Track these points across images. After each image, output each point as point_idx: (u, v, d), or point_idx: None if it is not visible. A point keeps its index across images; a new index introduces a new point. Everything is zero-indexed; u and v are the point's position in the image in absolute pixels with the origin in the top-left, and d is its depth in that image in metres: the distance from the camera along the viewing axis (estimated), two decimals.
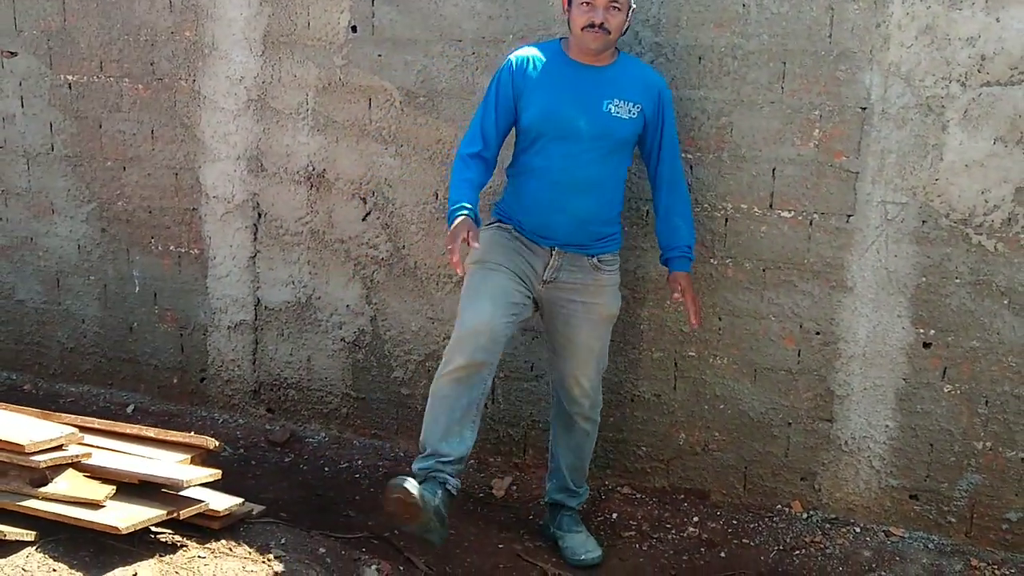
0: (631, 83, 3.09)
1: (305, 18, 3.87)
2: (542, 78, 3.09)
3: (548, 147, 3.09)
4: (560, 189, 3.09)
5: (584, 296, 3.17)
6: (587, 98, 3.05)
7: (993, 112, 3.04)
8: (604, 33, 2.98)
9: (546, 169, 3.10)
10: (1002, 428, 3.22)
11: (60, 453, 2.76)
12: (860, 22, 3.14)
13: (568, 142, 3.06)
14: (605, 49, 3.05)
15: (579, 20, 2.99)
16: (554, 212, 3.11)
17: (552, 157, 3.09)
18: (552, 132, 3.08)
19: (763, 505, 3.56)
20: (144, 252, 4.41)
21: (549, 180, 3.11)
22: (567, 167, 3.08)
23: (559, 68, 3.10)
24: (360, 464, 3.94)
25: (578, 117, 3.05)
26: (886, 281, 3.26)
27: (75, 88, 4.38)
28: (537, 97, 3.08)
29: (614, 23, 2.99)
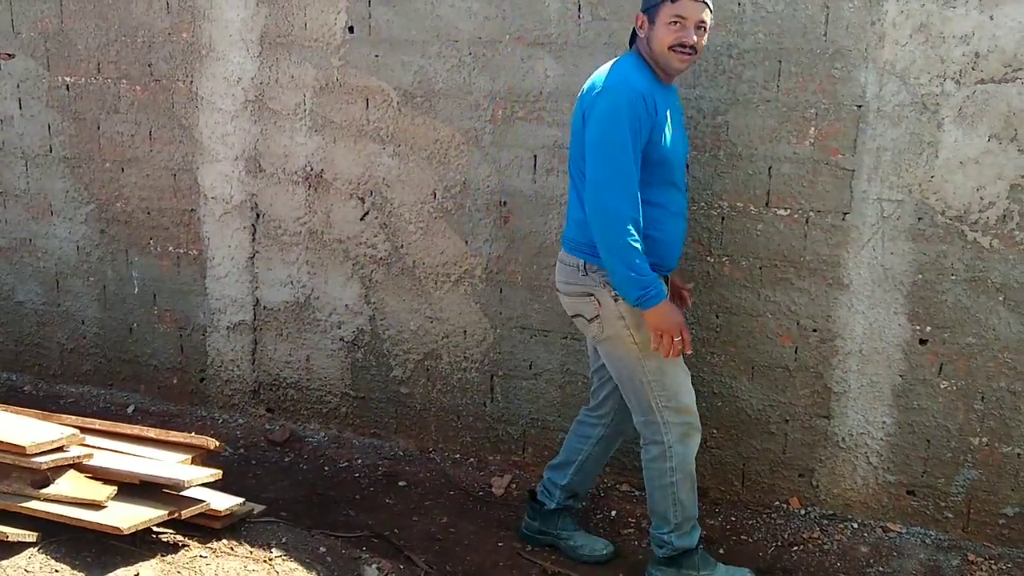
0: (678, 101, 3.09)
1: (302, 19, 3.88)
2: (662, 109, 2.87)
3: (675, 178, 2.97)
4: (684, 217, 3.07)
5: None
6: (680, 122, 3.03)
7: (987, 109, 3.06)
8: (693, 54, 2.84)
9: (677, 200, 3.00)
10: (998, 424, 3.23)
11: (61, 454, 2.78)
12: (855, 20, 3.15)
13: (678, 170, 3.00)
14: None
15: (667, 39, 2.80)
16: (678, 240, 3.06)
17: (680, 187, 3.01)
18: (678, 162, 2.98)
19: (761, 502, 3.57)
20: (143, 253, 4.43)
21: (680, 211, 3.03)
22: (683, 197, 3.05)
23: (664, 95, 2.92)
24: (360, 463, 3.96)
25: (683, 143, 3.04)
26: (882, 278, 3.27)
27: (73, 90, 4.39)
28: (664, 128, 2.88)
29: (702, 44, 2.86)
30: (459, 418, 3.97)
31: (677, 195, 3.00)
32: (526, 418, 3.86)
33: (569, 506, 3.37)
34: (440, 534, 3.44)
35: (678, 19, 2.78)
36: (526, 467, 3.85)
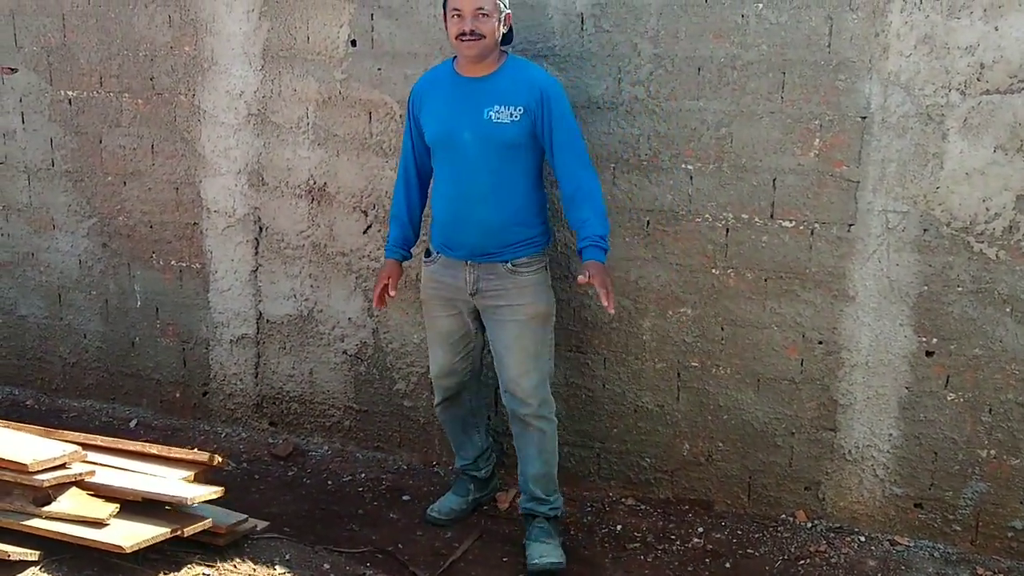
0: (512, 87, 3.15)
1: (305, 32, 3.88)
2: (434, 97, 3.26)
3: (445, 161, 3.26)
4: (459, 201, 3.24)
5: (507, 299, 3.25)
6: (469, 109, 3.15)
7: (993, 120, 3.04)
8: (477, 39, 3.07)
9: (446, 182, 3.28)
10: (1006, 436, 3.21)
11: (63, 472, 2.76)
12: (859, 32, 3.14)
13: (459, 153, 3.19)
14: (483, 56, 3.13)
15: (452, 31, 3.11)
16: (458, 224, 3.26)
17: (448, 170, 3.26)
18: (444, 145, 3.23)
19: (767, 515, 3.55)
20: (145, 267, 4.42)
21: (449, 193, 3.27)
22: (461, 178, 3.22)
23: (447, 84, 3.24)
24: (363, 477, 3.94)
25: (463, 128, 3.16)
26: (888, 290, 3.25)
27: (75, 103, 4.39)
28: (430, 115, 3.25)
29: (486, 28, 3.07)
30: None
31: (449, 175, 3.26)
32: None
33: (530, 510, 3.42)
34: (444, 549, 3.41)
35: (455, 12, 3.08)
36: None
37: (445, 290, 3.35)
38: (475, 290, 3.26)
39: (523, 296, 3.24)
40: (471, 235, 3.23)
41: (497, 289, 3.24)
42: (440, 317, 3.40)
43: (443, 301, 3.37)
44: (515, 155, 3.19)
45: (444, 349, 3.42)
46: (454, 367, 3.44)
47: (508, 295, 3.24)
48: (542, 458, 3.34)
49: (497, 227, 3.21)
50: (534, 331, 3.27)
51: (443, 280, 3.34)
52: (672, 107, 3.37)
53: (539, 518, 3.36)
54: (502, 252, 3.23)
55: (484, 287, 3.25)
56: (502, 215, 3.20)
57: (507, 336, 3.26)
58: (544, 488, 3.36)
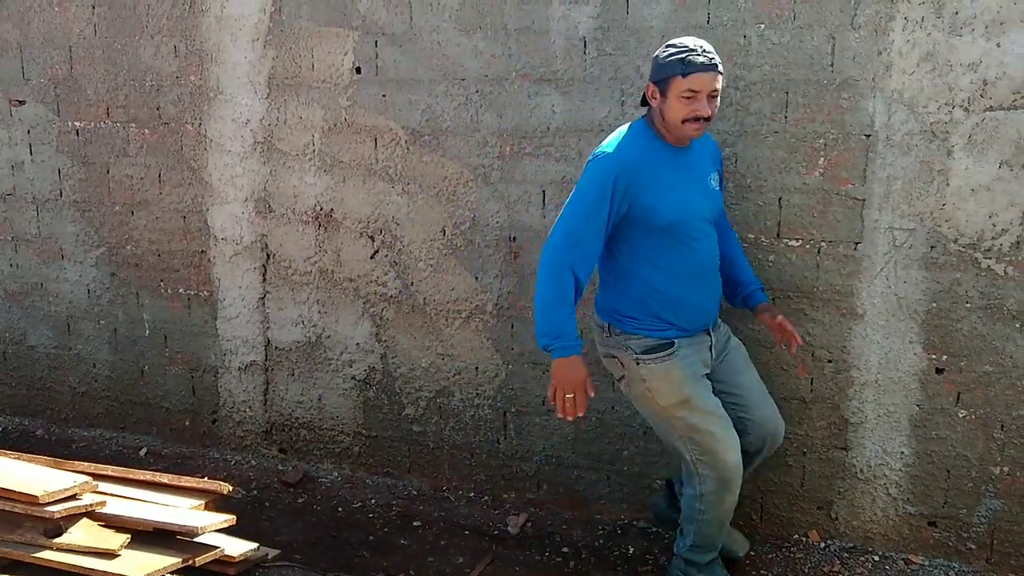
0: (706, 154, 3.05)
1: (309, 60, 3.90)
2: (657, 171, 2.87)
3: (689, 241, 2.93)
4: (707, 276, 3.04)
5: (732, 347, 3.17)
6: (699, 181, 2.98)
7: (997, 136, 3.05)
8: (706, 123, 2.84)
9: (693, 263, 2.97)
10: (1019, 452, 3.19)
11: (74, 503, 2.76)
12: (861, 50, 3.15)
13: (702, 229, 2.96)
14: None
15: (680, 111, 2.79)
16: (707, 299, 3.04)
17: (696, 250, 2.96)
18: (690, 225, 2.92)
19: (780, 535, 3.53)
20: (154, 295, 4.43)
21: (699, 272, 2.99)
22: (708, 253, 3.00)
23: (665, 156, 2.90)
24: (373, 503, 3.93)
25: (702, 202, 2.96)
26: (896, 307, 3.25)
27: (83, 134, 4.41)
28: (663, 193, 2.87)
29: (715, 110, 2.84)
30: (472, 456, 3.94)
31: (689, 257, 2.94)
32: (540, 455, 3.83)
33: None
34: (456, 575, 3.40)
35: (691, 93, 2.77)
36: (541, 505, 3.82)
37: (699, 368, 3.02)
38: (717, 355, 3.10)
39: (732, 336, 3.22)
40: (714, 300, 3.08)
41: (725, 342, 3.16)
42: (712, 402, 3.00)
43: (705, 384, 3.02)
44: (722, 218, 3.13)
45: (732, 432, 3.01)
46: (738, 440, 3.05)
47: (731, 341, 3.19)
48: None
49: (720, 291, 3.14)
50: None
51: (692, 360, 2.99)
52: None
53: None
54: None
55: (721, 346, 3.13)
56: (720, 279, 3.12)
57: (753, 375, 3.18)
58: None
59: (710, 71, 2.77)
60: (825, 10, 3.16)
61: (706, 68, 2.77)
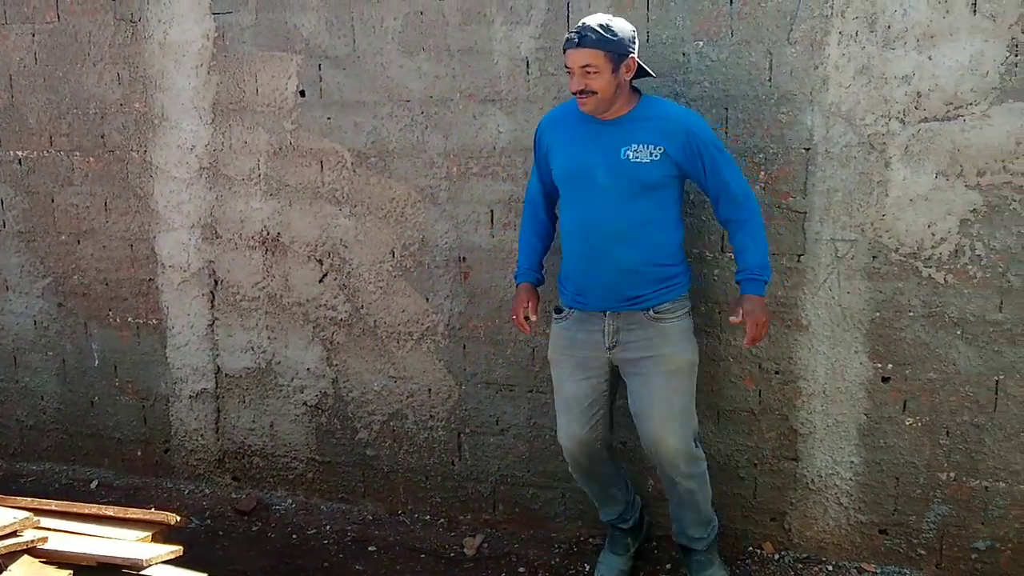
0: (650, 128, 3.00)
1: (253, 85, 3.89)
2: (563, 134, 3.12)
3: (575, 202, 3.09)
4: (593, 241, 3.05)
5: (650, 350, 3.06)
6: (604, 148, 3.02)
7: (933, 147, 3.10)
8: (589, 96, 2.95)
9: (577, 224, 3.09)
10: (964, 458, 3.23)
11: (14, 539, 2.69)
12: (798, 65, 3.19)
13: (592, 194, 3.03)
14: (601, 108, 3.00)
15: (570, 88, 3.00)
16: (593, 266, 3.06)
17: (579, 210, 3.08)
18: (574, 183, 3.08)
19: (734, 548, 3.54)
20: (102, 325, 4.37)
21: (581, 234, 3.08)
22: (594, 217, 3.04)
23: (579, 123, 3.08)
24: (328, 529, 3.89)
25: (596, 167, 3.02)
26: (840, 318, 3.28)
27: (25, 163, 4.36)
28: (559, 151, 3.12)
29: (596, 85, 2.92)
30: (427, 478, 3.92)
31: (580, 216, 3.09)
32: (495, 475, 3.81)
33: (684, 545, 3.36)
34: None
35: (567, 68, 2.98)
36: (497, 525, 3.81)
37: (578, 349, 3.14)
38: (614, 343, 3.08)
39: (667, 345, 3.06)
40: (607, 275, 3.05)
41: (639, 340, 3.06)
42: (568, 381, 3.18)
43: (574, 363, 3.16)
44: (652, 196, 3.03)
45: (571, 416, 3.18)
46: (583, 437, 3.18)
47: (651, 345, 3.06)
48: (694, 509, 3.22)
49: (639, 269, 3.04)
50: (679, 384, 3.09)
51: (577, 337, 3.14)
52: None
53: (694, 552, 3.31)
54: (642, 298, 3.05)
55: (625, 339, 3.07)
56: (638, 253, 3.03)
57: (650, 391, 3.07)
58: (699, 530, 3.28)
59: (576, 48, 2.92)
60: (762, 26, 3.20)
61: (571, 44, 2.93)
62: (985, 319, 3.13)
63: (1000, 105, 3.01)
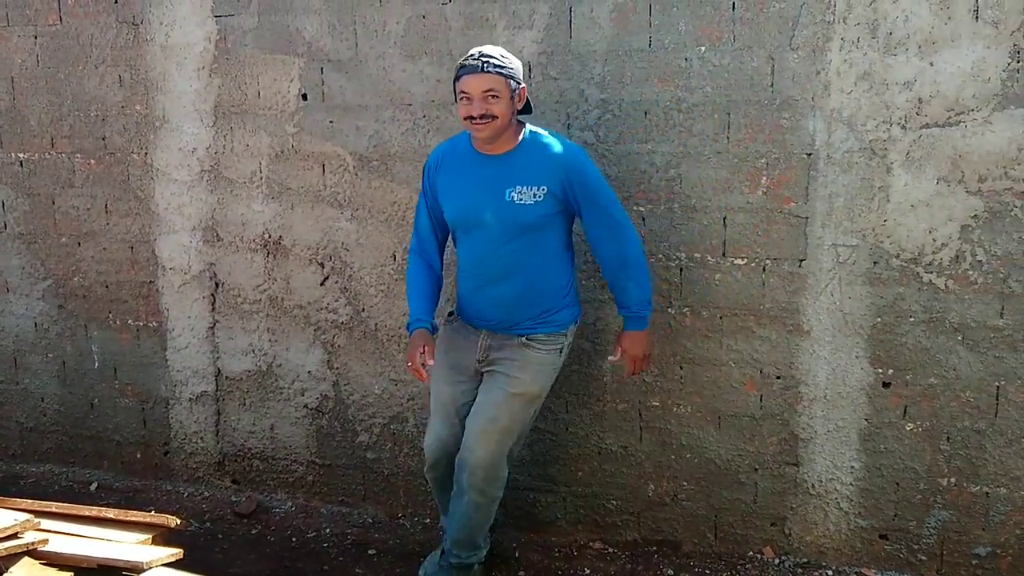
0: (534, 165, 3.05)
1: (255, 88, 3.89)
2: (452, 175, 3.18)
3: (465, 240, 3.19)
4: (480, 278, 3.18)
5: (507, 369, 3.17)
6: (491, 189, 3.07)
7: (934, 153, 3.10)
8: (488, 121, 2.96)
9: (467, 260, 3.21)
10: (965, 463, 3.24)
11: (15, 541, 2.69)
12: (800, 71, 3.20)
13: (480, 233, 3.12)
14: (496, 137, 3.02)
15: (461, 113, 3.01)
16: (478, 299, 3.21)
17: (470, 249, 3.18)
18: (465, 226, 3.17)
19: (735, 553, 3.54)
20: (102, 327, 4.37)
21: (470, 271, 3.21)
22: (482, 257, 3.15)
23: (467, 162, 3.14)
24: (328, 532, 3.89)
25: (484, 209, 3.08)
26: (842, 323, 3.28)
27: (26, 166, 4.36)
28: (449, 194, 3.18)
29: (496, 110, 2.95)
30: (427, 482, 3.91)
31: (469, 253, 3.19)
32: None
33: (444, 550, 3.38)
34: None
35: (463, 94, 2.97)
36: (497, 528, 3.79)
37: (456, 353, 3.27)
38: (484, 357, 3.21)
39: (523, 371, 3.15)
40: (488, 311, 3.19)
41: (504, 359, 3.18)
42: (442, 383, 3.28)
43: (450, 365, 3.27)
44: (535, 235, 3.09)
45: (439, 417, 3.29)
46: (443, 439, 3.26)
47: (512, 366, 3.16)
48: (467, 526, 3.25)
49: (512, 303, 3.15)
50: (513, 407, 3.15)
51: (456, 342, 3.29)
52: (621, 151, 3.41)
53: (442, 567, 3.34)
54: (518, 325, 3.17)
55: (494, 356, 3.20)
56: (521, 291, 3.13)
57: (485, 400, 3.17)
58: (459, 549, 3.30)
59: (476, 74, 2.94)
60: (764, 32, 3.21)
61: (473, 71, 2.95)
62: (986, 325, 3.14)
63: (1002, 111, 3.02)
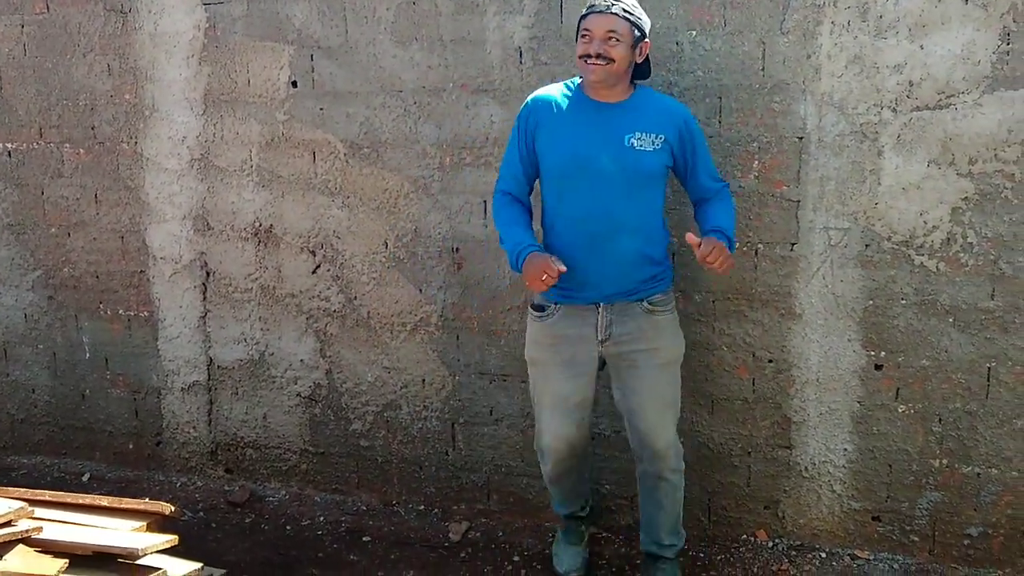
0: (652, 114, 2.95)
1: (245, 76, 3.87)
2: (560, 117, 2.98)
3: (572, 192, 2.95)
4: (593, 236, 2.94)
5: (644, 343, 3.00)
6: (608, 134, 2.92)
7: (925, 136, 3.11)
8: (604, 63, 2.85)
9: (573, 216, 2.96)
10: (956, 445, 3.26)
11: (9, 529, 2.69)
12: (791, 55, 3.20)
13: (594, 182, 2.92)
14: (609, 81, 2.90)
15: (578, 51, 2.91)
16: (593, 259, 2.94)
17: (579, 202, 2.94)
18: (575, 173, 2.94)
19: (729, 536, 3.56)
20: (93, 317, 4.35)
21: (578, 228, 2.95)
22: (596, 210, 2.92)
23: (577, 106, 2.98)
24: (322, 520, 3.89)
25: (600, 154, 2.91)
26: (834, 306, 3.30)
27: (14, 156, 4.33)
28: (556, 137, 2.97)
29: (615, 53, 2.85)
30: (421, 469, 3.92)
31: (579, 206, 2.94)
32: (489, 465, 3.82)
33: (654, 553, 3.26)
34: None
35: (585, 32, 2.89)
36: (491, 515, 3.81)
37: (567, 346, 3.03)
38: (607, 336, 3.00)
39: (660, 339, 3.02)
40: (609, 269, 2.95)
41: (633, 332, 2.99)
42: (556, 380, 3.06)
43: (561, 361, 3.04)
44: (653, 184, 2.96)
45: (560, 415, 3.07)
46: (571, 437, 3.09)
47: (645, 338, 3.00)
48: (674, 508, 3.18)
49: (631, 263, 2.96)
50: (671, 377, 3.07)
51: (565, 334, 3.03)
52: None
53: (661, 560, 3.24)
54: (637, 290, 2.98)
55: (618, 331, 2.99)
56: (640, 247, 2.96)
57: (645, 385, 3.02)
58: (673, 537, 3.22)
59: (603, 14, 2.87)
60: (754, 16, 3.21)
61: (600, 11, 2.88)
62: (977, 306, 3.16)
63: (992, 94, 3.03)
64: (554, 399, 3.08)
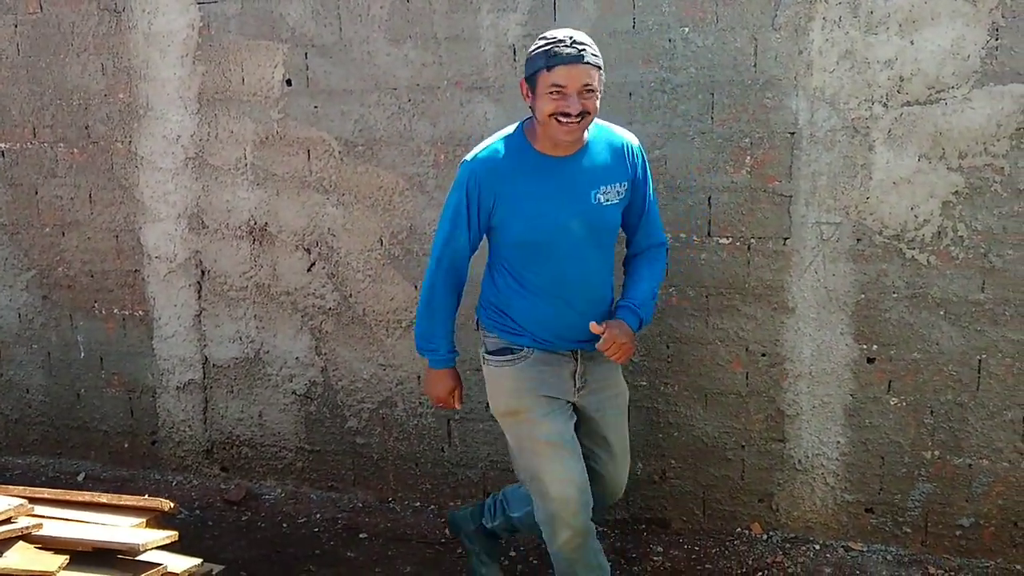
0: (611, 159, 2.73)
1: (239, 74, 3.88)
2: (521, 187, 2.66)
3: (539, 259, 2.71)
4: (571, 294, 2.73)
5: (610, 388, 2.88)
6: (574, 196, 2.67)
7: (915, 131, 3.15)
8: (583, 120, 2.55)
9: (543, 282, 2.73)
10: (948, 436, 3.29)
11: (9, 526, 2.69)
12: (783, 50, 3.23)
13: (563, 247, 2.68)
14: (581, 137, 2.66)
15: (546, 108, 2.54)
16: (561, 322, 2.74)
17: (548, 268, 2.71)
18: (543, 243, 2.68)
19: (724, 529, 3.58)
20: (88, 317, 4.36)
21: (549, 292, 2.73)
22: (573, 271, 2.71)
23: (535, 169, 2.66)
24: (318, 518, 3.90)
25: (570, 218, 2.66)
26: (826, 300, 3.33)
27: (8, 156, 4.33)
28: (521, 210, 2.66)
29: (592, 107, 2.56)
30: (417, 465, 3.94)
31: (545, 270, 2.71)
32: (485, 461, 3.84)
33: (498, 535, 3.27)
34: None
35: (556, 88, 2.52)
36: None
37: (549, 389, 2.78)
38: (583, 384, 2.81)
39: (619, 381, 2.91)
40: (576, 331, 2.73)
41: (599, 378, 2.84)
42: (553, 418, 2.76)
43: (548, 402, 2.77)
44: (612, 235, 2.80)
45: (569, 455, 2.75)
46: (581, 483, 2.75)
47: (610, 383, 2.87)
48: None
49: (601, 307, 2.79)
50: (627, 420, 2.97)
51: (543, 375, 2.78)
52: None
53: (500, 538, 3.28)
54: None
55: (591, 378, 2.82)
56: (603, 294, 2.81)
57: (619, 429, 2.90)
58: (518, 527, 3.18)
59: (577, 63, 2.50)
60: (746, 12, 3.24)
61: (572, 60, 2.50)
62: (967, 299, 3.19)
63: (981, 88, 3.06)
64: (554, 440, 2.76)
